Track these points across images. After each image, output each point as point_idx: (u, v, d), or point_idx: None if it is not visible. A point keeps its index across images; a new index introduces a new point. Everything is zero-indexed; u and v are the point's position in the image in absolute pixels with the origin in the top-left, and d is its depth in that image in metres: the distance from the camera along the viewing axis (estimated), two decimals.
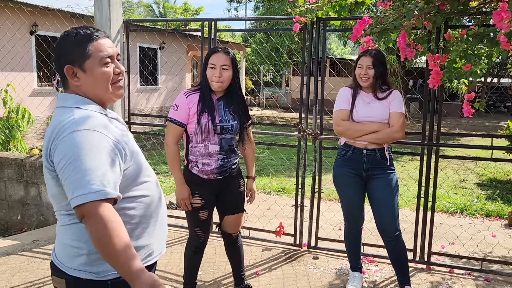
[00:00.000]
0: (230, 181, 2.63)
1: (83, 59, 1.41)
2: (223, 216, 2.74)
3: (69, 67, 1.42)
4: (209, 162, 2.53)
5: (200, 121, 2.45)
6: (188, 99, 2.50)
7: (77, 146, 1.29)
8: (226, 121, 2.51)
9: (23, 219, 4.45)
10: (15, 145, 5.14)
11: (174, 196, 2.65)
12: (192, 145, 2.54)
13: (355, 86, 2.93)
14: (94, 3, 3.83)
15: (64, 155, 1.30)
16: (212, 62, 2.47)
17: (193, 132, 2.51)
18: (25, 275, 3.26)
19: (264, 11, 19.61)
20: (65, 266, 1.42)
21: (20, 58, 8.37)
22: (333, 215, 4.43)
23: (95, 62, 1.42)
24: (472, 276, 3.33)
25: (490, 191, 6.06)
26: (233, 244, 2.83)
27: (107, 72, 1.44)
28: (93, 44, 1.42)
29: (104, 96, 1.47)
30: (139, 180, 1.48)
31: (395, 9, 2.65)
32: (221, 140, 2.52)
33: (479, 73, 2.40)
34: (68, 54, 1.42)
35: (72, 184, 1.27)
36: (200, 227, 2.65)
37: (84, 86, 1.44)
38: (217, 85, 2.48)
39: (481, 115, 16.40)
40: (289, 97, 21.46)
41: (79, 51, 1.41)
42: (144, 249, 1.50)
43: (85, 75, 1.42)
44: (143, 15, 29.10)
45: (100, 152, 1.30)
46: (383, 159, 2.86)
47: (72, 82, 1.43)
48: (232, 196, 2.69)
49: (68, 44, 1.42)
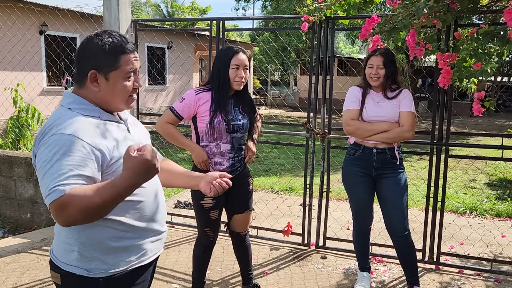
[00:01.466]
0: (239, 180, 2.64)
1: (111, 69, 1.42)
2: (232, 215, 2.75)
3: (94, 72, 1.41)
4: (221, 161, 2.55)
5: (213, 121, 2.47)
6: (197, 96, 2.52)
7: (53, 149, 1.29)
8: (237, 120, 2.54)
9: (32, 217, 4.49)
10: (25, 144, 5.19)
11: (182, 195, 2.66)
12: (203, 145, 2.56)
13: (364, 85, 2.91)
14: (103, 3, 3.85)
15: (40, 157, 1.32)
16: (235, 63, 2.49)
17: (204, 131, 2.53)
18: (35, 273, 3.29)
19: (272, 10, 19.61)
20: (60, 261, 1.45)
21: (30, 57, 8.45)
22: (341, 215, 4.41)
23: (121, 75, 1.43)
24: (482, 276, 3.30)
25: (500, 191, 6.00)
26: (242, 243, 2.83)
27: (128, 86, 1.46)
28: (124, 56, 1.43)
29: (116, 106, 1.48)
30: None
31: (404, 8, 2.63)
32: (232, 139, 2.55)
33: (489, 72, 2.38)
34: (97, 59, 1.41)
35: (44, 185, 1.29)
36: (210, 227, 2.66)
37: (101, 93, 1.44)
38: (239, 85, 2.53)
39: (491, 114, 16.24)
40: (297, 96, 21.43)
41: (110, 60, 1.41)
42: (138, 250, 1.48)
43: (107, 84, 1.43)
44: (151, 14, 29.21)
45: (72, 156, 1.29)
46: (393, 159, 2.84)
47: (90, 86, 1.43)
48: (241, 195, 2.70)
49: (99, 49, 1.41)
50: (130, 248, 1.46)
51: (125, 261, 1.45)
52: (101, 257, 1.42)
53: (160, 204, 1.58)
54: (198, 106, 2.50)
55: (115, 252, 1.43)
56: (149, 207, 1.51)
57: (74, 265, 1.42)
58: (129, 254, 1.46)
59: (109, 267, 1.43)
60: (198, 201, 2.61)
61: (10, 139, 5.17)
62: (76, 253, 1.42)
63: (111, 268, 1.44)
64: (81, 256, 1.42)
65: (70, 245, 1.43)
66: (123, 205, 1.42)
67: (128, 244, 1.46)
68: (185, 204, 5.07)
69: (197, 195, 2.59)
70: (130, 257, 1.47)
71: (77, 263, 1.42)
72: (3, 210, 4.62)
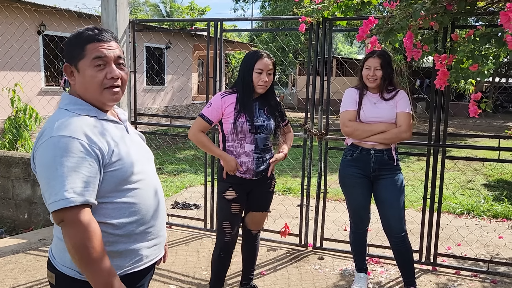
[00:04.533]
0: (263, 181, 2.69)
1: (78, 59, 1.41)
2: (248, 212, 2.79)
3: (67, 66, 1.44)
4: (246, 161, 2.60)
5: (236, 121, 2.54)
6: (223, 99, 2.60)
7: (52, 152, 1.30)
8: (261, 121, 2.60)
9: (30, 218, 4.48)
10: (22, 144, 5.19)
11: (180, 195, 2.66)
12: (228, 145, 2.62)
13: (361, 86, 2.91)
14: (101, 3, 3.85)
15: (40, 161, 1.32)
16: (259, 67, 2.55)
17: (229, 132, 2.59)
18: (32, 273, 3.28)
19: (270, 10, 19.59)
20: (56, 261, 1.44)
21: (28, 58, 8.44)
22: (339, 216, 4.42)
23: (86, 63, 1.41)
24: (479, 278, 3.31)
25: (498, 192, 6.02)
26: (251, 242, 2.86)
27: (96, 75, 1.40)
28: (91, 45, 1.41)
29: (96, 100, 1.44)
30: (125, 187, 1.42)
31: (401, 9, 2.64)
32: (256, 140, 2.60)
33: (486, 74, 2.38)
34: (68, 52, 1.44)
35: (47, 190, 1.29)
36: (230, 221, 2.65)
37: (77, 86, 1.45)
38: (262, 89, 2.59)
39: (488, 115, 16.27)
40: (295, 97, 21.43)
41: (77, 51, 1.41)
42: (132, 255, 1.45)
43: (79, 75, 1.43)
44: (149, 14, 29.16)
45: (74, 158, 1.30)
46: (391, 160, 2.85)
47: (70, 81, 1.45)
48: (262, 195, 2.75)
49: (68, 41, 1.45)
50: (124, 253, 1.43)
51: (118, 266, 1.42)
52: None
53: (159, 207, 1.54)
54: (224, 108, 2.58)
55: (108, 256, 1.39)
56: (146, 210, 1.47)
57: (68, 267, 1.41)
58: (122, 259, 1.43)
59: None
60: (221, 194, 2.65)
61: (8, 139, 5.16)
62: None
63: None
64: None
65: (64, 246, 1.41)
66: (115, 206, 1.41)
67: (122, 248, 1.42)
68: (183, 204, 5.07)
69: (221, 189, 2.64)
70: (123, 262, 1.43)
71: (71, 265, 1.40)
72: (1, 210, 4.61)
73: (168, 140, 10.08)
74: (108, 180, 1.38)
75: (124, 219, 1.42)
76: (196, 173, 6.94)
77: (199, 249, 3.76)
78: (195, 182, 6.43)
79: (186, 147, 9.86)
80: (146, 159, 1.55)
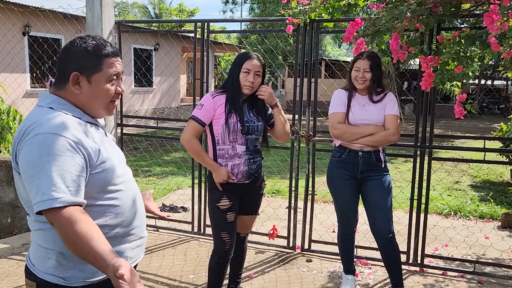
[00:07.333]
0: (254, 184, 2.67)
1: (93, 71, 1.40)
2: (237, 215, 2.74)
3: (76, 74, 1.40)
4: (239, 163, 2.56)
5: (228, 121, 2.51)
6: (214, 99, 2.55)
7: (39, 150, 1.27)
8: (252, 122, 2.58)
9: (13, 222, 4.39)
10: (5, 147, 5.08)
11: (167, 198, 2.62)
12: (219, 147, 2.57)
13: (350, 88, 2.91)
14: (86, 4, 3.80)
15: (26, 158, 1.29)
16: (247, 67, 2.52)
17: (220, 134, 2.54)
18: (14, 279, 3.21)
19: (259, 12, 19.64)
20: (37, 269, 1.40)
21: (11, 59, 8.30)
22: (327, 217, 4.42)
23: (103, 78, 1.41)
24: (465, 278, 3.32)
25: (484, 192, 6.08)
26: (239, 245, 2.82)
27: (111, 90, 1.44)
28: (108, 59, 1.42)
29: (96, 111, 1.46)
30: (109, 189, 1.42)
31: (387, 11, 2.64)
32: (246, 141, 2.57)
33: (471, 75, 2.40)
34: (80, 60, 1.40)
35: (34, 189, 1.26)
36: (227, 231, 2.62)
37: (83, 96, 1.42)
38: (248, 89, 2.55)
39: (474, 117, 16.48)
40: (284, 99, 21.46)
41: (93, 62, 1.40)
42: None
43: (89, 86, 1.41)
44: (138, 16, 28.94)
45: (62, 157, 1.28)
46: (378, 161, 2.85)
47: (71, 89, 1.41)
48: (252, 198, 2.72)
49: (82, 51, 1.40)
50: None
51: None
52: (78, 265, 1.38)
53: (139, 209, 1.55)
54: (216, 108, 2.54)
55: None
56: (128, 211, 1.48)
57: (50, 273, 1.38)
58: None
59: (86, 276, 1.40)
60: (214, 204, 2.59)
61: None
62: (53, 260, 1.38)
63: (88, 277, 1.40)
64: (58, 264, 1.38)
65: (46, 253, 1.38)
66: (100, 209, 1.40)
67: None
68: (170, 207, 5.02)
69: (213, 198, 2.59)
70: None
71: (53, 271, 1.37)
72: None
73: (155, 142, 10.00)
74: (93, 182, 1.37)
75: (109, 221, 1.42)
76: (184, 175, 6.89)
77: (187, 252, 3.72)
78: (183, 184, 6.38)
79: (174, 150, 9.79)
80: (124, 162, 1.57)
